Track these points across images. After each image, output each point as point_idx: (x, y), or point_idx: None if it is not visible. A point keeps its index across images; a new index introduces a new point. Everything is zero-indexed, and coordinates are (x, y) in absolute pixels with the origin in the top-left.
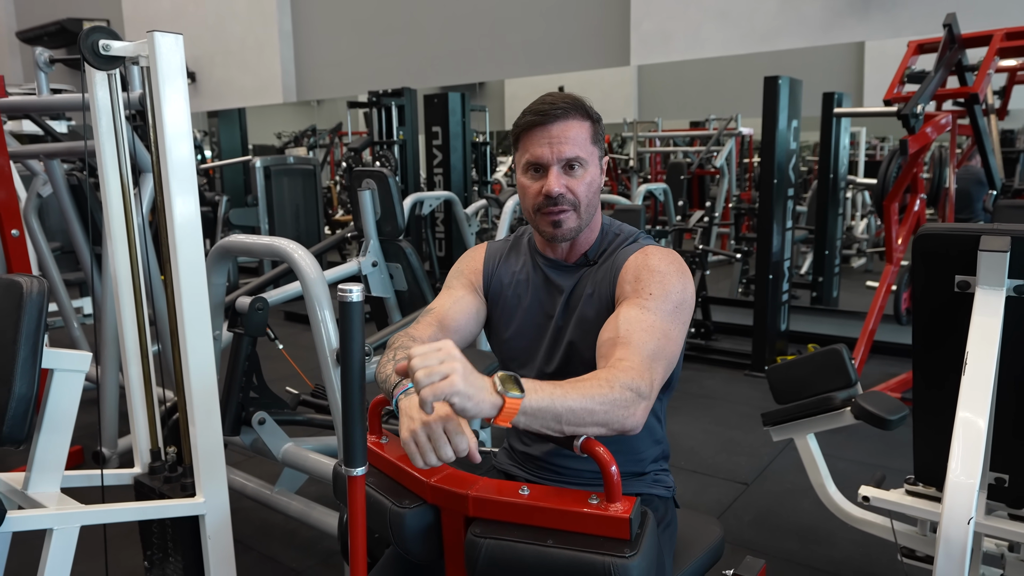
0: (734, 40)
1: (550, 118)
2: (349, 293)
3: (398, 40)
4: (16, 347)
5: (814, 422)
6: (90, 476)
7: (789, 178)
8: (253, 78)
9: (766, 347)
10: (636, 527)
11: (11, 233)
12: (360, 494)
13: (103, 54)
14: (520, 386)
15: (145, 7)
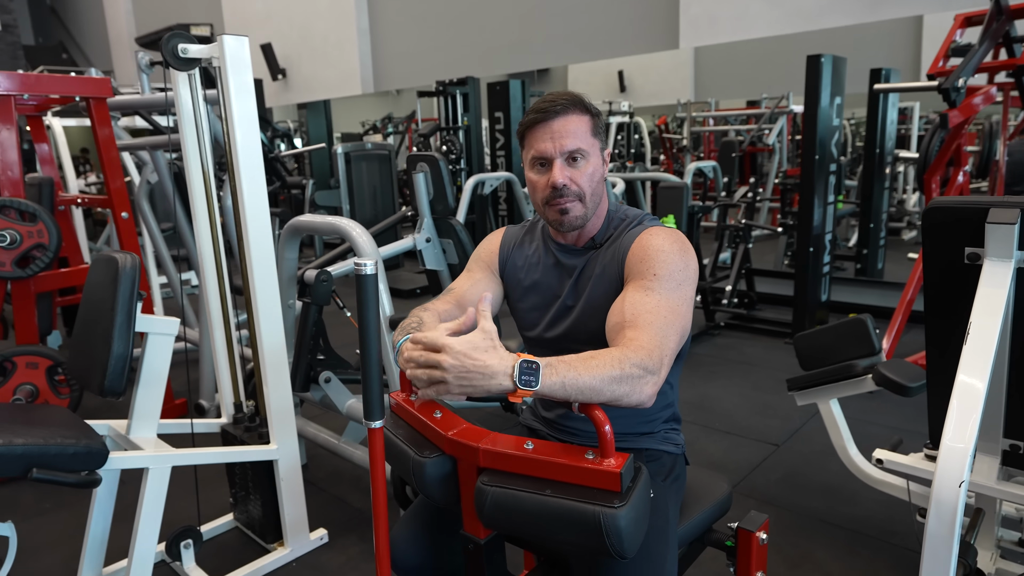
0: (780, 20)
1: (551, 115)
2: (364, 266)
3: (463, 32)
4: (114, 313)
5: (836, 388)
6: (183, 425)
7: (831, 153)
8: (335, 72)
9: (806, 317)
10: (628, 481)
11: (121, 215)
12: (379, 443)
13: (182, 56)
14: (536, 374)
15: (243, 12)
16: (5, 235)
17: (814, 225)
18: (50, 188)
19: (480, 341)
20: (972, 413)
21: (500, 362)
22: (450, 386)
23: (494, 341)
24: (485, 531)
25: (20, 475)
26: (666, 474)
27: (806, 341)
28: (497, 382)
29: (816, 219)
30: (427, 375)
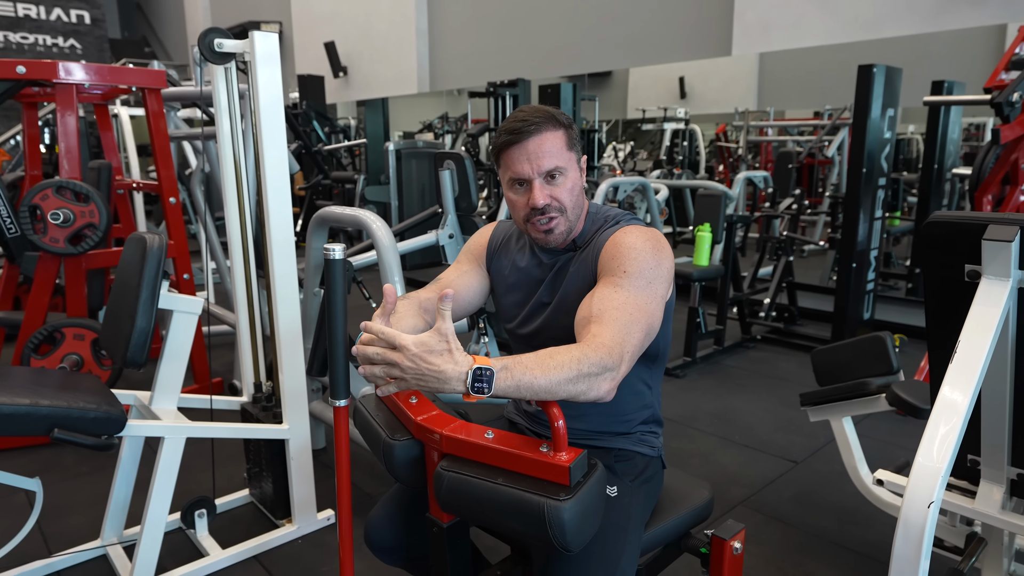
0: (836, 29)
1: (524, 135)
2: (332, 251)
3: (517, 35)
4: (139, 289)
5: (849, 405)
6: (205, 400)
7: (881, 167)
8: (394, 71)
9: (846, 334)
10: (578, 476)
11: (170, 200)
12: (344, 422)
13: (218, 51)
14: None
15: (310, 11)
16: (59, 214)
17: (858, 240)
18: (108, 172)
19: (435, 344)
20: (950, 433)
21: (454, 367)
22: (408, 383)
23: (450, 343)
24: (449, 516)
25: (44, 434)
26: (636, 475)
27: (823, 356)
28: (451, 387)
29: (861, 234)
30: (384, 373)
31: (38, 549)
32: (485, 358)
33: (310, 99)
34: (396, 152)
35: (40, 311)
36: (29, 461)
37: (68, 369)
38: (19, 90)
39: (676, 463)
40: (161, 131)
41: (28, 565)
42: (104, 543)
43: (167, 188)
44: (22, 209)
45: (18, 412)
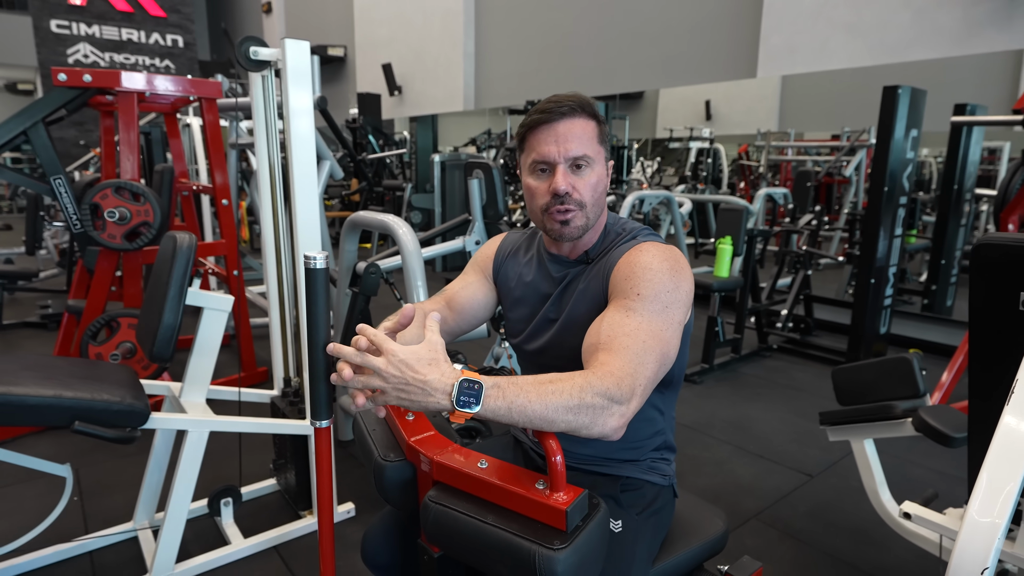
0: (862, 52)
1: (556, 115)
2: (313, 260)
3: (555, 58)
4: (168, 287)
5: (872, 428)
6: (233, 392)
7: (902, 187)
8: (443, 90)
9: (862, 347)
10: (576, 519)
11: (222, 202)
12: (325, 444)
13: (254, 59)
14: (478, 395)
15: (371, 36)
16: (116, 212)
17: (877, 257)
18: (170, 176)
19: (424, 353)
20: (1010, 482)
21: (440, 378)
22: (388, 397)
23: (438, 355)
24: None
25: (65, 425)
26: (644, 506)
27: (845, 375)
28: (435, 400)
29: (880, 251)
30: (363, 383)
31: (77, 527)
32: (476, 373)
33: (368, 115)
34: (441, 163)
35: (100, 301)
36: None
37: (121, 356)
38: (88, 98)
39: (691, 470)
40: (216, 138)
41: (64, 544)
42: (136, 526)
43: (220, 191)
44: (84, 207)
45: (42, 403)
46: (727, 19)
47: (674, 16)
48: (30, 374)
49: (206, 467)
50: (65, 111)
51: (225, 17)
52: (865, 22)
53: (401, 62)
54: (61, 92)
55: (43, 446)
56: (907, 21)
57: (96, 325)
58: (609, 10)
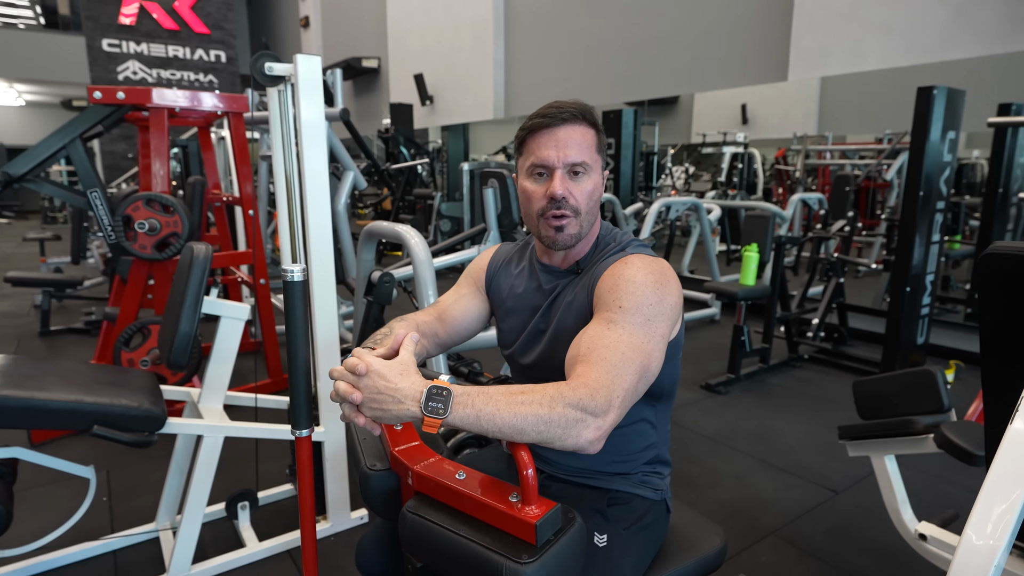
0: (897, 53)
1: (557, 121)
2: (291, 273)
3: (584, 65)
4: (184, 296)
5: (892, 443)
6: (250, 398)
7: (939, 191)
8: (473, 99)
9: (897, 358)
10: (548, 533)
11: (248, 213)
12: (305, 453)
13: (268, 74)
14: (446, 401)
15: (404, 47)
16: (146, 223)
17: (913, 264)
18: (201, 187)
19: (396, 366)
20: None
21: (411, 386)
22: (363, 406)
23: (409, 369)
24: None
25: (85, 429)
26: (633, 521)
27: (867, 388)
28: (405, 407)
29: (916, 258)
30: (342, 393)
31: (104, 527)
32: (447, 381)
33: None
34: (470, 172)
35: (132, 309)
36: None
37: (151, 362)
38: (123, 114)
39: (709, 483)
40: (242, 150)
41: (90, 543)
42: (158, 527)
43: (246, 202)
44: (116, 219)
45: (63, 408)
46: (756, 22)
47: (703, 20)
48: (54, 379)
49: (227, 471)
50: (102, 127)
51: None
52: (900, 21)
53: (433, 72)
54: (97, 109)
55: (78, 448)
56: (945, 19)
57: (128, 332)
58: (638, 16)
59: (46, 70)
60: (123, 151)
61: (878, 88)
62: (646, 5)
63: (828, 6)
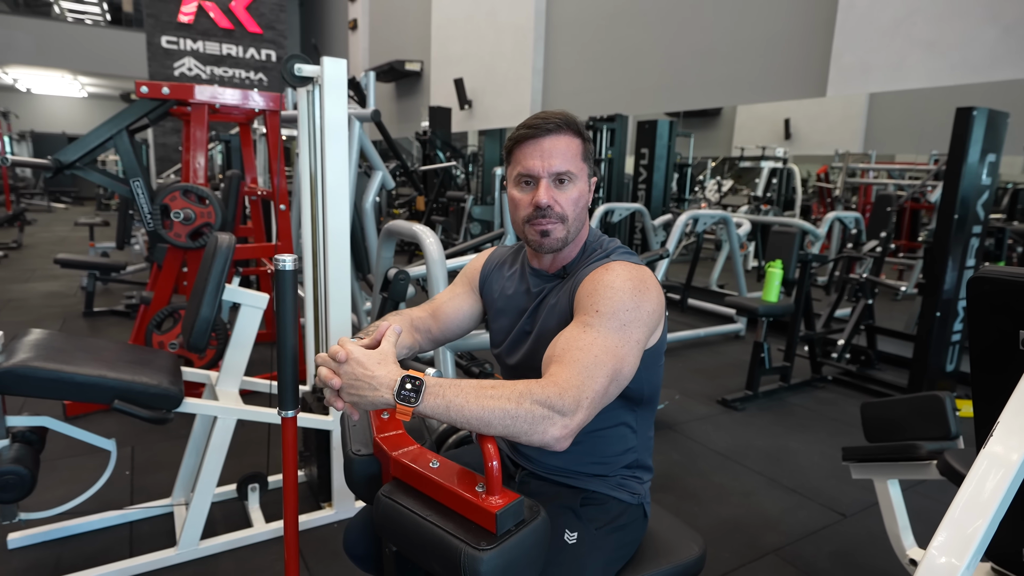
0: (942, 71)
1: (542, 132)
2: (284, 262)
3: (622, 74)
4: (207, 283)
5: (894, 467)
6: (266, 385)
7: (976, 215)
8: (510, 105)
9: (924, 384)
10: (508, 524)
11: (280, 207)
12: (291, 434)
13: (297, 75)
14: (418, 391)
15: (446, 51)
16: (182, 213)
17: (944, 289)
18: (237, 181)
19: (375, 355)
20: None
21: (386, 375)
22: (341, 392)
23: (388, 359)
24: None
25: (107, 403)
26: (607, 522)
27: (874, 411)
28: (380, 394)
29: (948, 283)
30: (322, 379)
31: (124, 499)
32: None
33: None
34: (502, 176)
35: (166, 294)
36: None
37: (179, 345)
38: (167, 109)
39: (714, 498)
40: (276, 146)
41: (110, 512)
42: (172, 502)
43: (279, 196)
44: (155, 207)
45: (87, 382)
46: (797, 37)
47: (743, 34)
48: (84, 355)
49: (241, 454)
50: (148, 120)
51: (316, 33)
52: (947, 39)
53: (472, 77)
54: (144, 103)
55: (107, 424)
56: (994, 37)
57: (160, 316)
58: (679, 27)
59: (108, 64)
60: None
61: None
62: (687, 16)
63: (871, 22)
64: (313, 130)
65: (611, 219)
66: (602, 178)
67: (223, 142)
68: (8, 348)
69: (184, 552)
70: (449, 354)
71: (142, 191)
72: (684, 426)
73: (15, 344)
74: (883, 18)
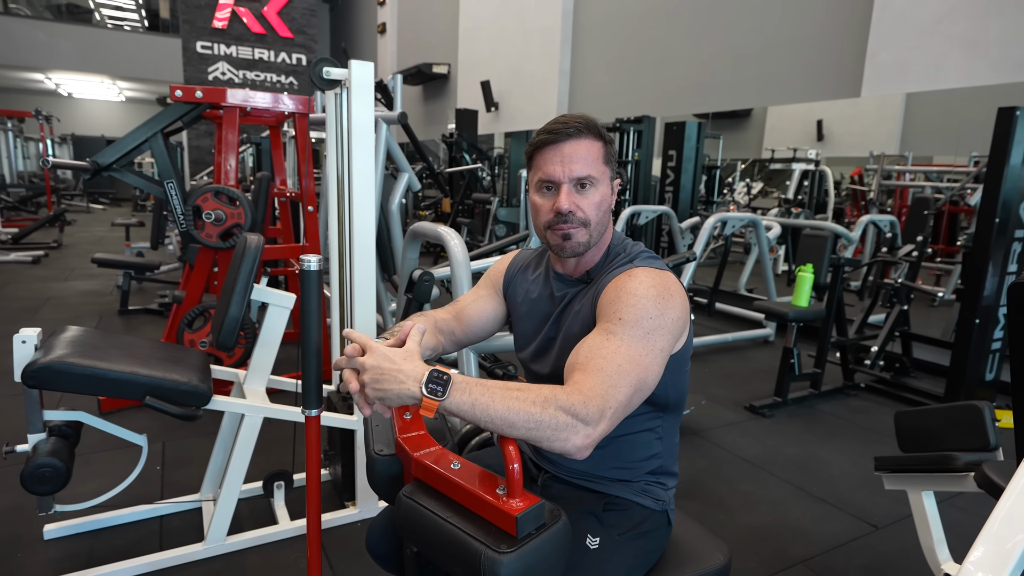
0: (984, 70)
1: (562, 137)
2: (309, 263)
3: (650, 75)
4: (236, 282)
5: (930, 479)
6: (292, 384)
7: (1019, 218)
8: (537, 107)
9: (961, 393)
10: (529, 527)
11: (308, 208)
12: (314, 433)
13: (326, 78)
14: (445, 385)
15: (473, 54)
16: (212, 214)
17: (984, 295)
18: (267, 183)
19: (401, 351)
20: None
21: (413, 369)
22: (366, 388)
23: (413, 354)
24: None
25: (139, 399)
26: (629, 528)
27: (909, 420)
28: (407, 387)
29: (988, 289)
30: (347, 374)
31: (155, 493)
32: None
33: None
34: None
35: (197, 293)
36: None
37: (209, 343)
38: (200, 112)
39: (741, 506)
40: (305, 148)
41: (142, 507)
42: (201, 498)
43: (307, 198)
44: (188, 208)
45: (120, 378)
46: (830, 35)
47: (774, 33)
48: (118, 352)
49: (268, 452)
50: (182, 123)
51: (345, 37)
52: (988, 37)
53: (499, 79)
54: (178, 106)
55: (140, 420)
56: None
57: (191, 314)
58: (708, 27)
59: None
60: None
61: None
62: (716, 16)
63: (909, 20)
64: (341, 132)
65: (637, 222)
66: (628, 180)
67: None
68: (46, 344)
69: (211, 547)
70: (473, 355)
71: (176, 192)
72: (710, 432)
73: (53, 340)
74: (922, 16)
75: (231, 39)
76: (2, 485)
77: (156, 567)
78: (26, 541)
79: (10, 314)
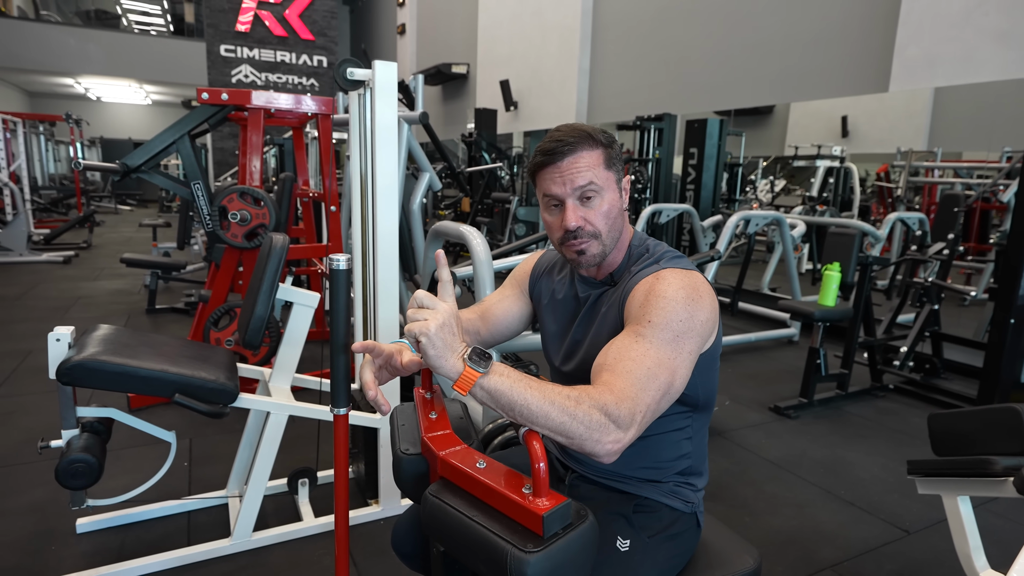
0: (1016, 63)
1: (558, 155)
2: (338, 262)
3: (670, 72)
4: (261, 282)
5: (966, 484)
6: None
7: None
8: (556, 105)
9: (995, 395)
10: (555, 526)
11: (330, 208)
12: (343, 430)
13: (350, 78)
14: (487, 362)
15: (492, 53)
16: (237, 214)
17: (1019, 294)
18: (290, 183)
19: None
20: None
21: (461, 341)
22: (426, 341)
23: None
24: None
25: (168, 396)
26: (659, 530)
27: (943, 423)
28: (452, 361)
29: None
30: (419, 326)
31: (183, 489)
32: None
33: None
34: None
35: (223, 293)
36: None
37: (235, 342)
38: (226, 114)
39: (766, 509)
40: (327, 149)
41: (170, 502)
42: (227, 494)
43: (329, 198)
44: (213, 209)
45: (150, 375)
46: (856, 29)
47: (797, 27)
48: (147, 350)
49: (292, 449)
50: (208, 125)
51: (365, 39)
52: (1021, 29)
53: (518, 78)
54: (204, 109)
55: (168, 417)
56: None
57: (217, 313)
58: (729, 23)
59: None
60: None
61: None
62: (738, 11)
63: (938, 12)
64: (364, 132)
65: (659, 220)
66: (649, 178)
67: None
68: (79, 343)
69: (237, 543)
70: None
71: (203, 193)
72: (734, 433)
73: (85, 339)
74: (951, 8)
75: (254, 42)
76: (36, 479)
77: (184, 561)
78: (59, 534)
79: (42, 312)
